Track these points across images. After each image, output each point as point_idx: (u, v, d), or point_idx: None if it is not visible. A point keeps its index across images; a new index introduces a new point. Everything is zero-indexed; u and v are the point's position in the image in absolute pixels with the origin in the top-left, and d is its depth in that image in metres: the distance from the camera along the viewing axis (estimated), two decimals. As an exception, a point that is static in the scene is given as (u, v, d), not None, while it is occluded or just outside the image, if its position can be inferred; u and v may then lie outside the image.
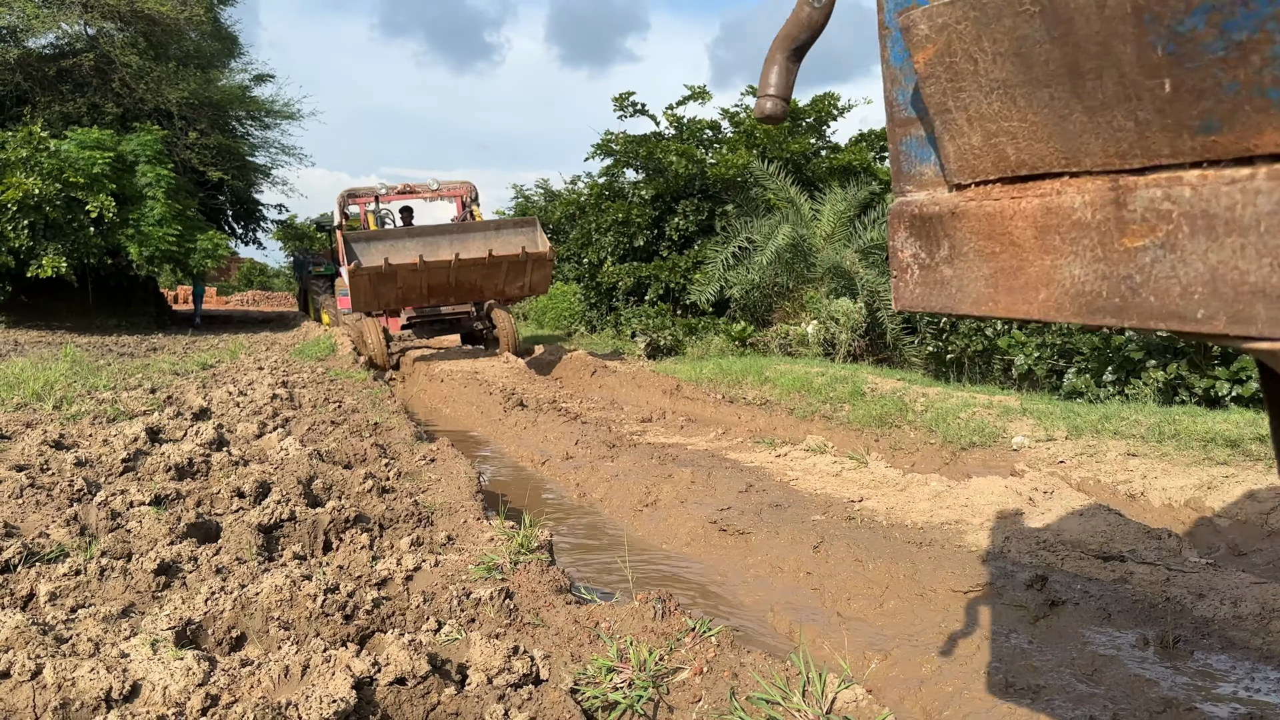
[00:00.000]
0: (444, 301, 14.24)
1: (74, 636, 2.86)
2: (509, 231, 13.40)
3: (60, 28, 23.49)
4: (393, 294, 12.85)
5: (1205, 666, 3.18)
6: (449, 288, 13.17)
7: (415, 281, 12.65)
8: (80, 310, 23.09)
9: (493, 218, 19.19)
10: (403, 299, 13.26)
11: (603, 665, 2.52)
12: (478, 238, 13.05)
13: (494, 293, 13.77)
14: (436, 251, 12.61)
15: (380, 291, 12.61)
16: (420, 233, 13.13)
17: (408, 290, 12.87)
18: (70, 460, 5.36)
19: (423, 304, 14.06)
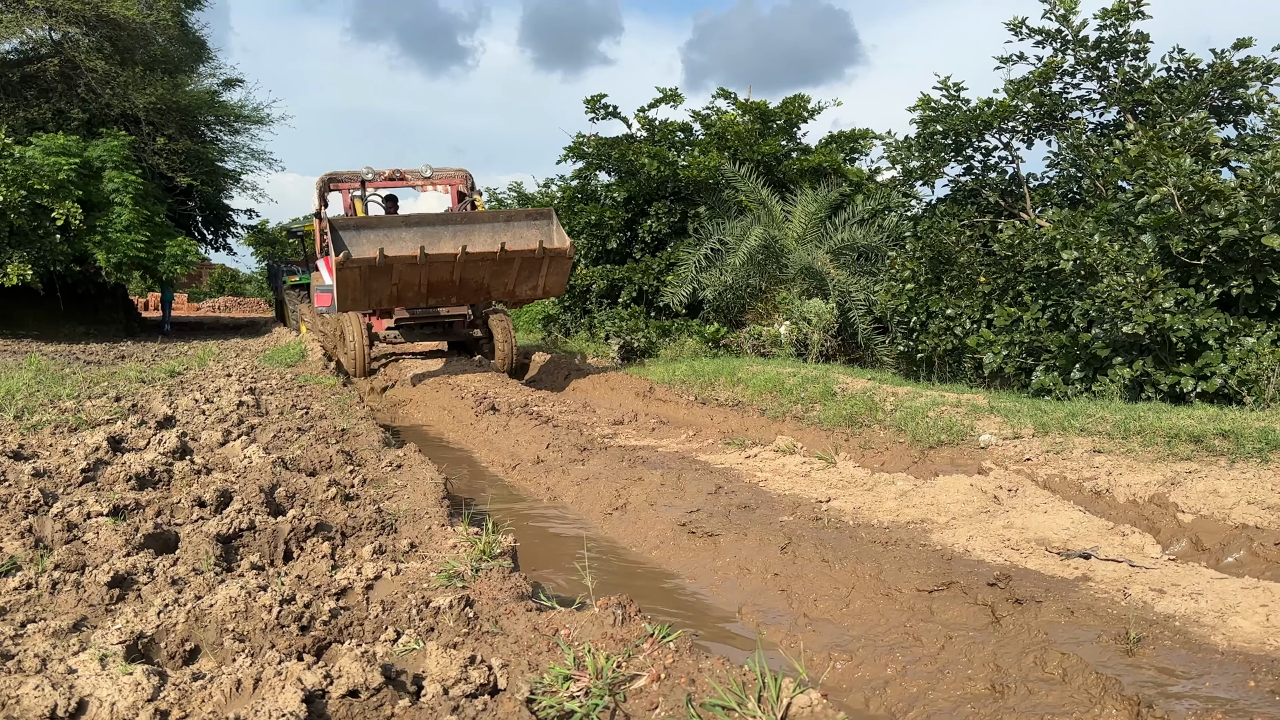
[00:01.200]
0: (443, 302, 12.52)
1: (21, 652, 2.80)
2: (521, 224, 11.55)
3: (24, 33, 23.19)
4: (386, 292, 11.19)
5: (1166, 664, 3.19)
6: (451, 287, 11.44)
7: (413, 278, 10.98)
8: (48, 318, 22.78)
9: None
10: (397, 298, 11.56)
11: (560, 674, 2.49)
12: (485, 230, 11.26)
13: (502, 294, 11.89)
14: (439, 244, 10.90)
15: (372, 288, 11.00)
16: (419, 221, 11.27)
17: (403, 288, 11.18)
18: (28, 471, 5.26)
19: (419, 304, 12.28)
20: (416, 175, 14.86)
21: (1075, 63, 12.37)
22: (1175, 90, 11.63)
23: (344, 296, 10.97)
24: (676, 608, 4.42)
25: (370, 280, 10.77)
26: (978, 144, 13.46)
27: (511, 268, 11.25)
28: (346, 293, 10.87)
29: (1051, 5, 12.01)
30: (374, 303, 11.67)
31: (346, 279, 10.52)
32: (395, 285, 11.02)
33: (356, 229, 10.93)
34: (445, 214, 11.84)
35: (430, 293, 11.47)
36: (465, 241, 10.92)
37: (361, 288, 10.86)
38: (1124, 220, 9.71)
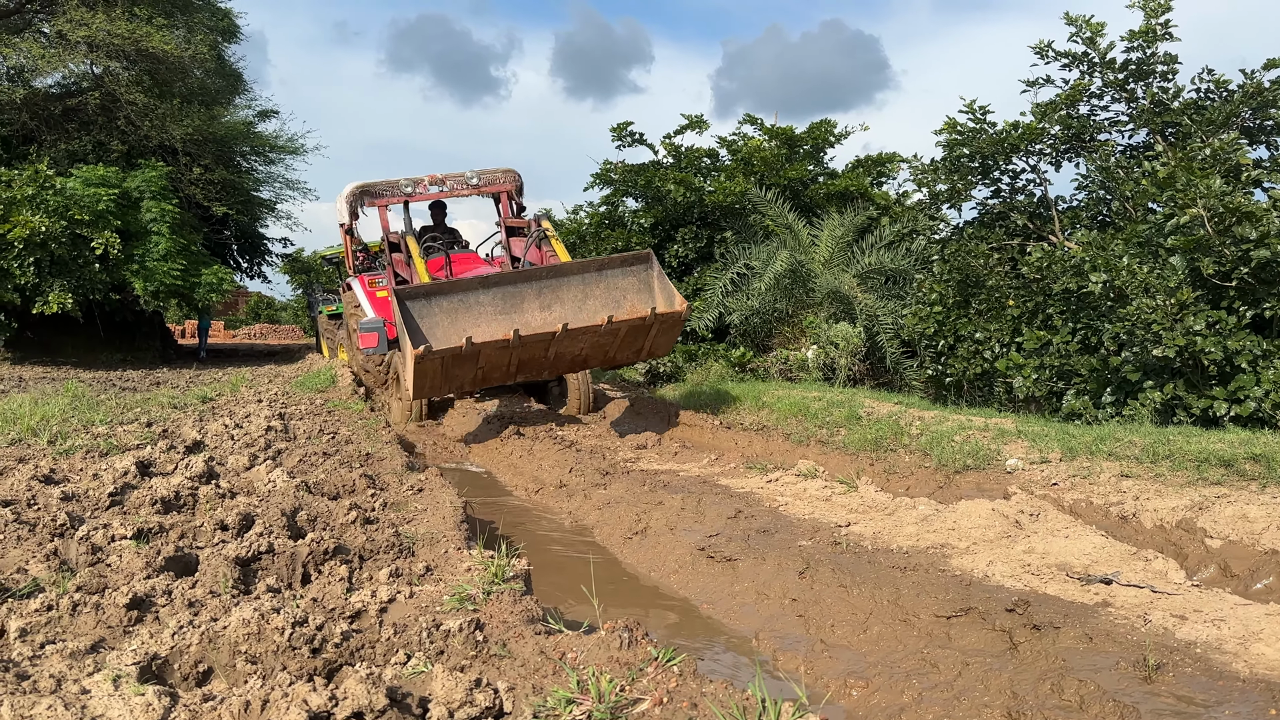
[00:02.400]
0: (532, 377, 10.59)
1: (37, 673, 2.84)
2: (616, 274, 9.80)
3: (66, 67, 23.76)
4: (469, 376, 9.60)
5: (1185, 692, 3.13)
6: (543, 363, 9.88)
7: (501, 360, 9.42)
8: (86, 345, 23.20)
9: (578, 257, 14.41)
10: (481, 379, 9.84)
11: (563, 697, 2.49)
12: (574, 284, 9.59)
13: (601, 362, 10.41)
14: (529, 315, 9.42)
15: (453, 375, 9.43)
16: (499, 281, 9.62)
17: (490, 370, 9.60)
18: (57, 495, 5.35)
19: (504, 382, 10.29)
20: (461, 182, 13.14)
21: (1103, 85, 12.31)
22: (1205, 111, 11.52)
23: (419, 387, 9.46)
24: (693, 633, 4.40)
25: (453, 368, 9.29)
26: (1005, 167, 13.40)
27: (616, 337, 9.67)
28: (424, 383, 9.39)
29: (1078, 28, 11.97)
30: (453, 388, 10.09)
31: (425, 370, 9.04)
32: (480, 369, 9.49)
33: (427, 298, 9.21)
34: (527, 271, 10.04)
35: (519, 370, 9.90)
36: (560, 312, 9.44)
37: (441, 376, 9.38)
38: (1154, 242, 9.61)
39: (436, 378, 9.27)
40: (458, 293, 9.31)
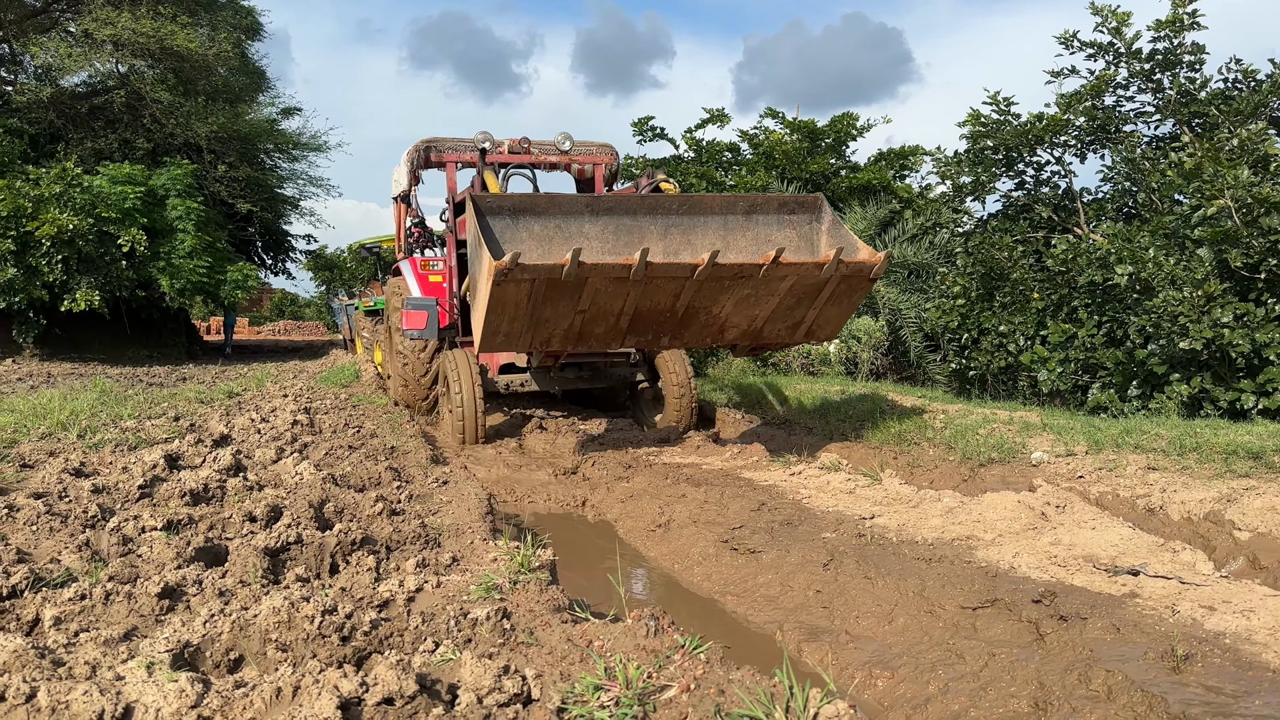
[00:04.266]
0: (646, 343, 7.43)
1: (72, 660, 2.89)
2: (769, 221, 7.45)
3: (92, 66, 24.01)
4: (564, 324, 6.84)
5: (1214, 683, 3.11)
6: (668, 320, 7.05)
7: (613, 303, 6.72)
8: (113, 342, 23.44)
9: None
10: (578, 334, 7.00)
11: (591, 684, 2.51)
12: (713, 226, 7.30)
13: (743, 333, 7.41)
14: (659, 246, 7.11)
15: (544, 318, 6.71)
16: (612, 207, 7.25)
17: (593, 319, 6.86)
18: (88, 488, 5.43)
19: (607, 344, 7.31)
20: (550, 148, 11.01)
21: (1128, 75, 12.20)
22: (1233, 101, 11.41)
23: (493, 329, 6.66)
24: (716, 623, 4.41)
25: (545, 304, 6.55)
26: (1029, 159, 13.32)
27: (774, 293, 6.92)
28: (499, 322, 6.60)
29: (1104, 18, 11.87)
30: (537, 342, 6.99)
31: (506, 299, 6.35)
32: (582, 314, 6.72)
33: (513, 215, 6.95)
34: (651, 197, 7.46)
35: (631, 328, 7.04)
36: (683, 244, 7.15)
37: (527, 316, 6.60)
38: (1180, 234, 9.53)
39: (519, 317, 6.55)
40: (555, 213, 7.04)
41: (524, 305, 6.46)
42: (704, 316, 7.11)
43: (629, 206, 7.26)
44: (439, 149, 10.83)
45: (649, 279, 6.51)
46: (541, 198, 7.36)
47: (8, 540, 4.36)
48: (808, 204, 7.57)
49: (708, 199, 7.49)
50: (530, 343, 6.94)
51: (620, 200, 7.33)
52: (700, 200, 7.41)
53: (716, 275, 6.59)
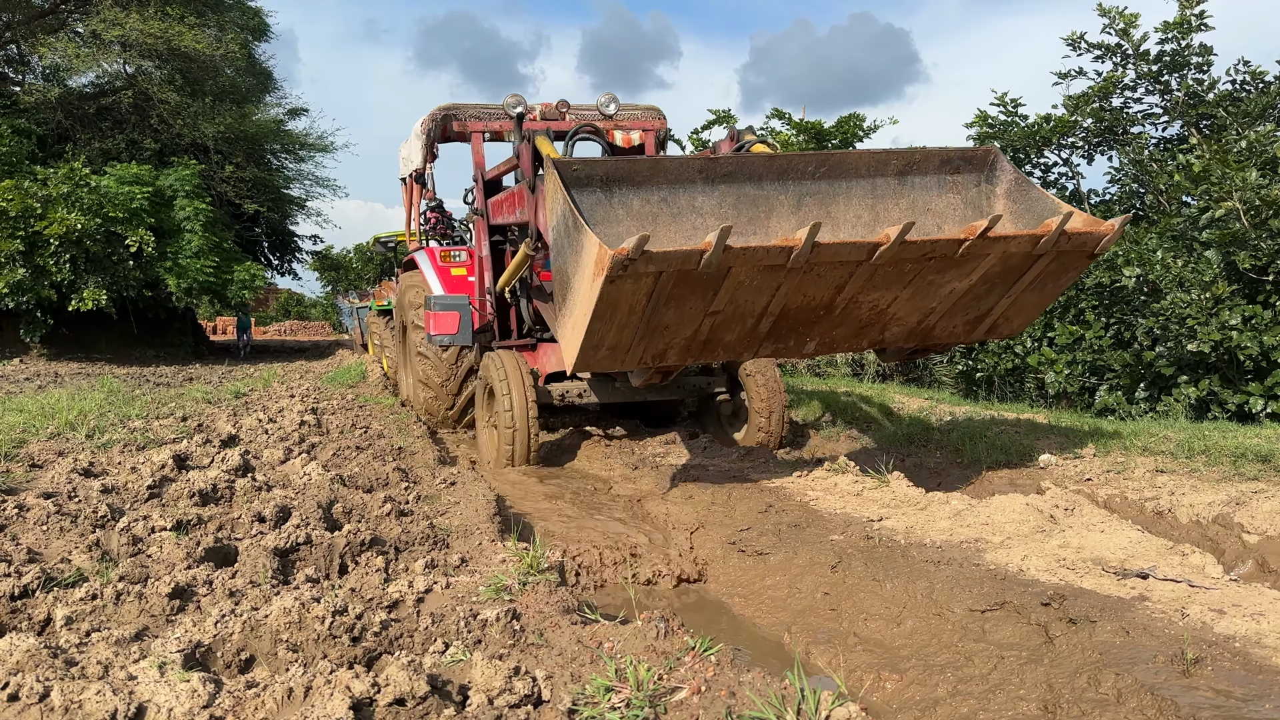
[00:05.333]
0: (785, 351, 5.84)
1: (85, 660, 2.91)
2: (928, 184, 5.95)
3: (100, 66, 24.09)
4: (691, 328, 5.21)
5: (1225, 686, 3.11)
6: (819, 318, 5.47)
7: (756, 303, 5.15)
8: (120, 342, 23.52)
9: None
10: (705, 343, 5.40)
11: (601, 685, 2.51)
12: (859, 193, 5.82)
13: (909, 333, 5.88)
14: (791, 221, 5.62)
15: (662, 324, 5.08)
16: (729, 173, 5.63)
17: (726, 322, 5.24)
18: (97, 488, 5.45)
19: (733, 354, 5.70)
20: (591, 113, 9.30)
21: (1136, 77, 12.18)
22: (1241, 103, 11.38)
23: (595, 340, 4.99)
24: (724, 625, 4.41)
25: (668, 306, 4.90)
26: (1036, 159, 13.30)
27: (965, 276, 5.36)
28: (605, 331, 4.94)
29: (1111, 19, 11.86)
30: (649, 355, 5.34)
31: (619, 301, 4.70)
32: (714, 316, 5.11)
33: (605, 187, 5.37)
34: (779, 157, 5.78)
35: (772, 332, 5.43)
36: (821, 215, 5.61)
37: (642, 322, 4.95)
38: (1188, 236, 9.52)
39: (631, 324, 4.90)
40: (660, 182, 5.45)
41: (640, 308, 4.76)
42: (865, 312, 5.49)
43: (753, 170, 5.62)
44: (461, 117, 9.24)
45: (810, 266, 4.85)
46: (642, 163, 5.59)
47: (18, 540, 4.39)
48: (977, 160, 5.98)
49: (851, 158, 5.92)
50: (641, 357, 5.23)
51: (742, 164, 5.64)
52: (842, 161, 5.82)
53: (900, 257, 4.95)
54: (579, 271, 4.76)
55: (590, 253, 4.53)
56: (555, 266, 5.22)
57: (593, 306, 4.62)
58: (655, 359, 5.34)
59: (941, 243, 5.01)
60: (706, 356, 5.55)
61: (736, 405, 8.91)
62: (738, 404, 8.89)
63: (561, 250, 5.03)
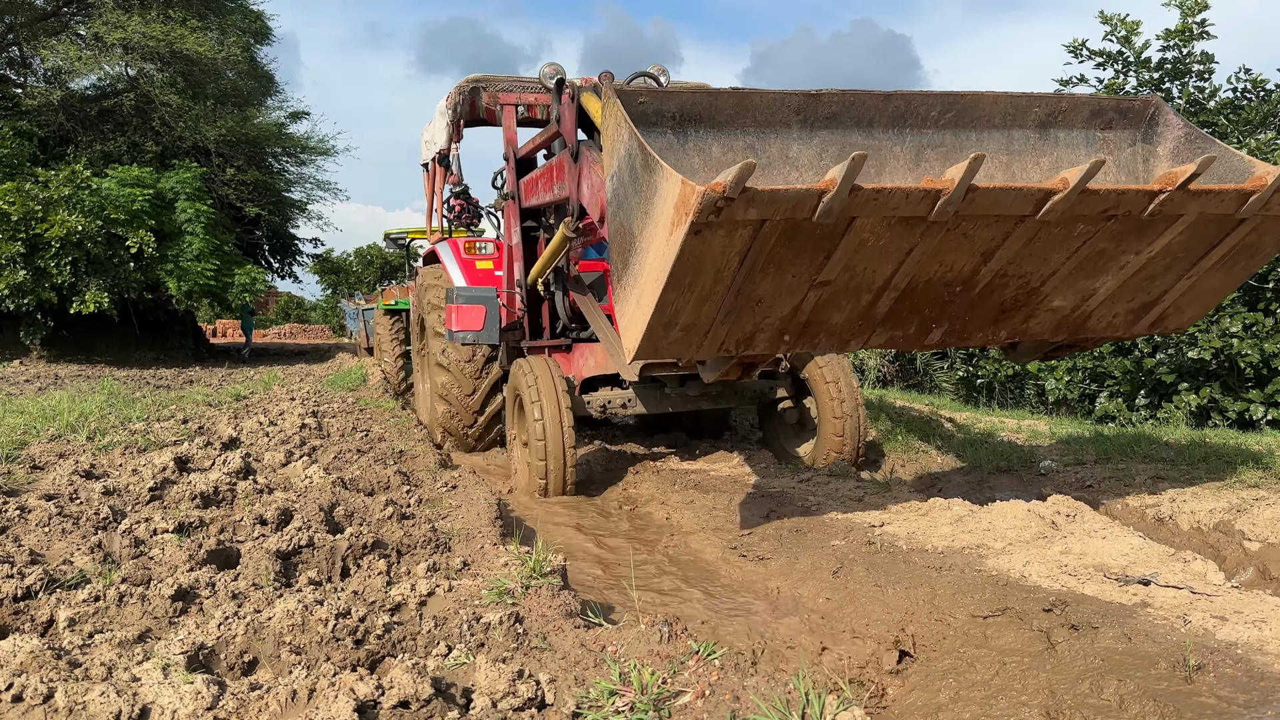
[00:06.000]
0: (893, 339, 4.50)
1: (88, 661, 2.91)
2: (1074, 138, 4.95)
3: (102, 69, 24.13)
4: (791, 304, 3.99)
5: (1227, 692, 3.11)
6: (955, 297, 4.28)
7: (877, 268, 3.89)
8: (120, 344, 23.52)
9: None
10: (805, 325, 4.16)
11: (605, 689, 2.52)
12: (993, 144, 4.82)
13: (1060, 323, 4.70)
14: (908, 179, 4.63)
15: (755, 296, 3.87)
16: (832, 114, 4.56)
17: (839, 294, 4.01)
18: (98, 489, 5.45)
19: (836, 344, 4.41)
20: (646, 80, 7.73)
21: (1137, 84, 12.20)
22: (1242, 111, 11.40)
23: (668, 314, 3.84)
24: (726, 629, 4.41)
25: (765, 271, 3.76)
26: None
27: (1144, 247, 4.29)
28: (682, 303, 3.79)
29: (1113, 27, 11.89)
30: (734, 340, 4.16)
31: (704, 258, 3.55)
32: (822, 289, 3.99)
33: (679, 124, 4.38)
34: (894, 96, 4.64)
35: (891, 315, 4.33)
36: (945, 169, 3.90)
37: (730, 292, 3.82)
38: (1189, 243, 9.52)
39: (716, 294, 3.80)
40: (746, 124, 4.43)
41: (730, 272, 3.65)
42: (1013, 291, 4.35)
43: (863, 113, 4.55)
44: (491, 89, 8.33)
45: (957, 221, 3.75)
46: (725, 99, 4.45)
47: (20, 541, 4.39)
48: (1134, 113, 4.91)
49: (985, 101, 4.75)
50: (722, 341, 4.08)
51: (850, 104, 4.55)
52: (974, 104, 4.71)
53: (1074, 214, 3.85)
54: (649, 224, 3.65)
55: (668, 194, 3.41)
56: (614, 227, 4.05)
57: (668, 269, 3.49)
58: (740, 345, 4.15)
59: (1130, 194, 3.88)
60: (804, 344, 4.32)
61: (801, 414, 7.73)
62: (802, 412, 7.71)
63: (624, 201, 3.89)
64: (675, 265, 3.46)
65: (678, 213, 3.35)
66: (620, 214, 3.98)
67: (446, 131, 8.73)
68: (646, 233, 3.70)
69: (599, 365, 7.39)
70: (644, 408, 7.30)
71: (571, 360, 7.81)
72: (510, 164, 7.95)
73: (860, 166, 3.27)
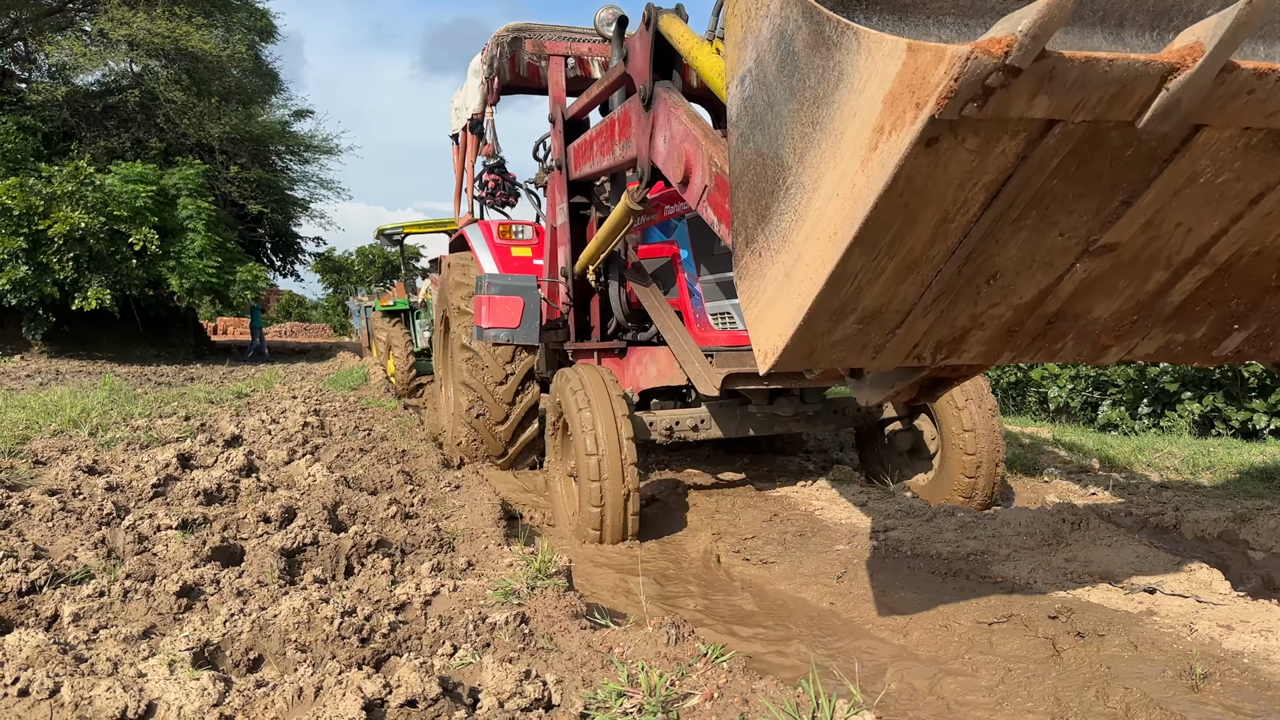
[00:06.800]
0: (1168, 345, 2.78)
1: (94, 656, 2.90)
2: None
3: (107, 65, 24.15)
4: (1040, 283, 2.37)
5: (1233, 701, 3.11)
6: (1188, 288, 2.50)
7: (1189, 227, 2.26)
8: (121, 341, 23.52)
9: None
10: (1054, 317, 2.55)
11: (614, 690, 2.51)
12: None
13: None
14: None
15: (986, 270, 2.27)
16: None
17: (1115, 270, 2.38)
18: (101, 485, 5.44)
19: (1098, 352, 2.76)
20: None
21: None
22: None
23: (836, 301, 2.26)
24: (727, 634, 4.40)
25: (1026, 219, 2.12)
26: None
27: None
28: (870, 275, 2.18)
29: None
30: (930, 342, 2.56)
31: (932, 192, 1.94)
32: (1100, 256, 2.32)
33: (843, 5, 2.33)
34: None
35: (1187, 305, 2.63)
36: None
37: (951, 263, 2.21)
38: (1193, 252, 9.54)
39: (931, 260, 2.20)
40: (943, 8, 2.52)
41: (966, 219, 2.14)
42: None
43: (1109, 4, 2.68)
44: (536, 38, 7.04)
45: None
46: None
47: (24, 536, 4.38)
48: None
49: None
50: (918, 343, 2.65)
51: None
52: None
53: None
54: (822, 140, 2.17)
55: (873, 78, 1.94)
56: (740, 162, 2.58)
57: (862, 213, 2.04)
58: (941, 349, 2.67)
59: None
60: (1039, 350, 2.79)
61: (916, 439, 6.40)
62: (917, 437, 6.40)
63: (766, 113, 2.43)
64: (878, 206, 1.98)
65: (894, 107, 1.89)
66: (757, 137, 2.52)
67: (481, 92, 7.54)
68: (814, 157, 2.22)
69: (661, 374, 6.01)
70: (719, 430, 5.90)
71: (626, 367, 6.42)
72: (557, 126, 6.55)
73: (1242, 34, 1.76)
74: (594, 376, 5.44)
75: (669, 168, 4.05)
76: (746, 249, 2.67)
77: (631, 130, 4.67)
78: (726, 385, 5.19)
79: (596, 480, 5.08)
